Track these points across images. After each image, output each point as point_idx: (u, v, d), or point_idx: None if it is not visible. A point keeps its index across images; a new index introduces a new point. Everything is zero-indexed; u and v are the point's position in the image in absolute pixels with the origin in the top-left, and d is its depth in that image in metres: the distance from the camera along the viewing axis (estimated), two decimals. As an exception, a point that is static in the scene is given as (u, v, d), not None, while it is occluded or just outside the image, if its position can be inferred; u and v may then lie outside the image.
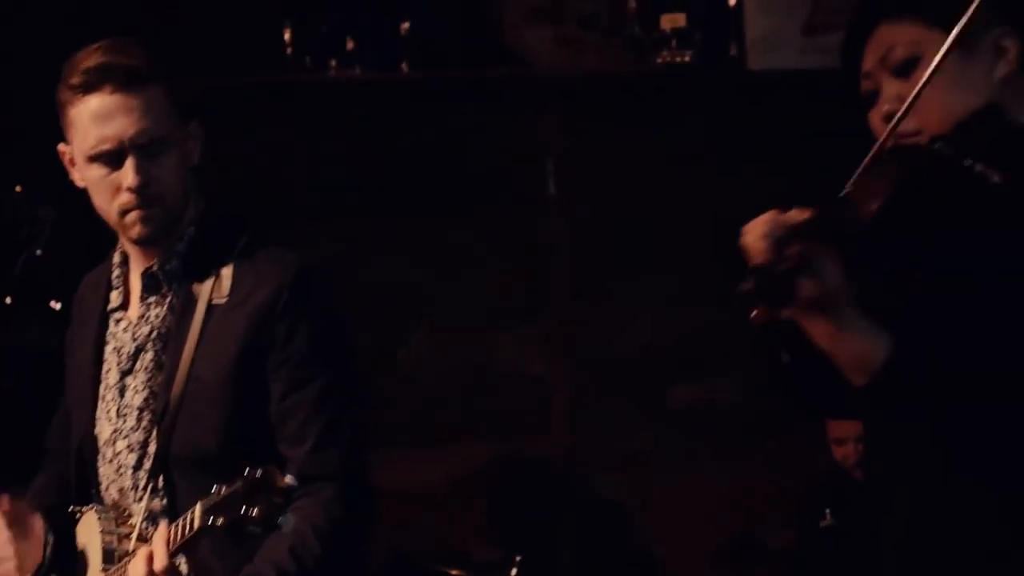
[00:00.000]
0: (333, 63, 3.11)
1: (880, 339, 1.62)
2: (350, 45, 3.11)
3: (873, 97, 1.78)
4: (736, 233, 1.66)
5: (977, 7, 1.70)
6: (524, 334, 3.28)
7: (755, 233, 1.60)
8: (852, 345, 1.62)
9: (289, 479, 1.69)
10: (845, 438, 3.12)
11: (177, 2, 3.10)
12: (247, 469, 1.70)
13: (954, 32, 1.68)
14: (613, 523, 3.31)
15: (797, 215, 1.61)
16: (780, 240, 1.57)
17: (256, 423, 1.95)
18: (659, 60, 3.25)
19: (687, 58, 3.23)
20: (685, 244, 3.23)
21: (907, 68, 1.75)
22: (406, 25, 3.15)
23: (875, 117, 1.77)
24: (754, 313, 1.59)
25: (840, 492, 3.08)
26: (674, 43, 3.23)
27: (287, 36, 3.14)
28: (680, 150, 3.28)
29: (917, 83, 1.71)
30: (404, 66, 3.14)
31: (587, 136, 3.28)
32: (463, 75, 3.21)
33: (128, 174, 1.95)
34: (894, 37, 1.75)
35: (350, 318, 2.03)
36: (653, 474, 3.28)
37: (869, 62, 1.77)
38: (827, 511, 3.05)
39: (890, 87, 1.76)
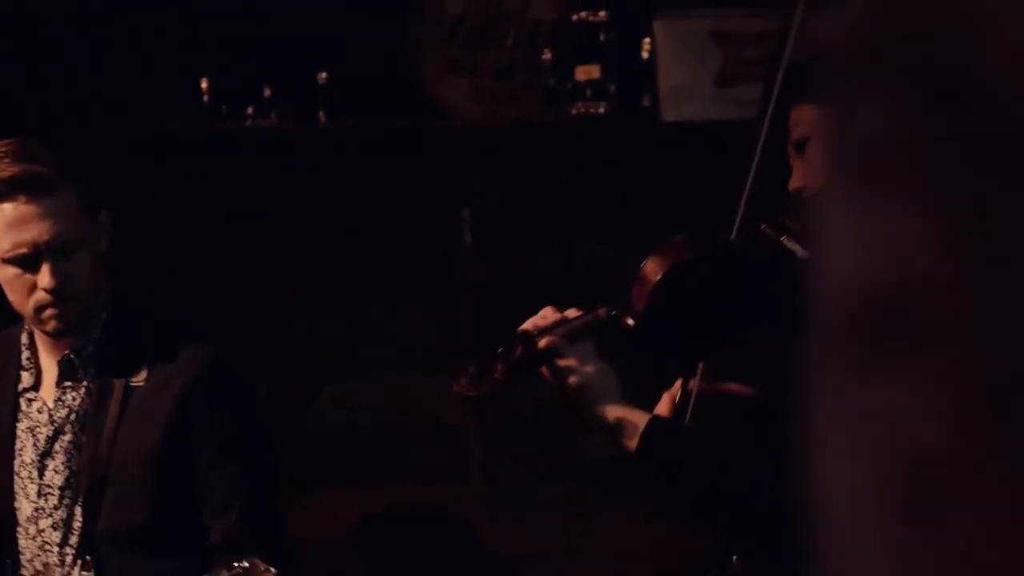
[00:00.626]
0: (250, 111, 3.12)
1: (635, 425, 1.75)
2: (267, 93, 3.12)
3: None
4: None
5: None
6: (440, 382, 3.29)
7: (529, 322, 1.84)
8: (607, 422, 1.75)
9: (273, 571, 1.76)
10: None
11: (93, 49, 3.09)
12: (232, 564, 1.76)
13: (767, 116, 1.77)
14: (526, 571, 3.32)
15: (566, 315, 1.78)
16: (539, 332, 1.74)
17: (181, 497, 2.06)
18: (574, 111, 3.29)
19: (602, 109, 3.28)
20: (600, 294, 3.25)
21: (801, 146, 1.87)
22: (324, 75, 3.16)
23: None
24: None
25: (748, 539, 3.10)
26: (589, 94, 3.27)
27: (204, 84, 3.14)
28: (595, 199, 3.32)
29: (808, 160, 1.82)
30: (321, 115, 3.15)
31: (504, 186, 3.31)
32: (380, 125, 3.23)
33: (44, 276, 2.03)
34: (796, 117, 1.88)
35: (268, 366, 2.11)
36: (565, 523, 3.29)
37: (788, 138, 1.92)
38: (734, 557, 3.07)
39: (795, 163, 1.88)
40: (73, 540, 2.03)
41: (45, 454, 2.07)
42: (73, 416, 2.06)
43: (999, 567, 0.37)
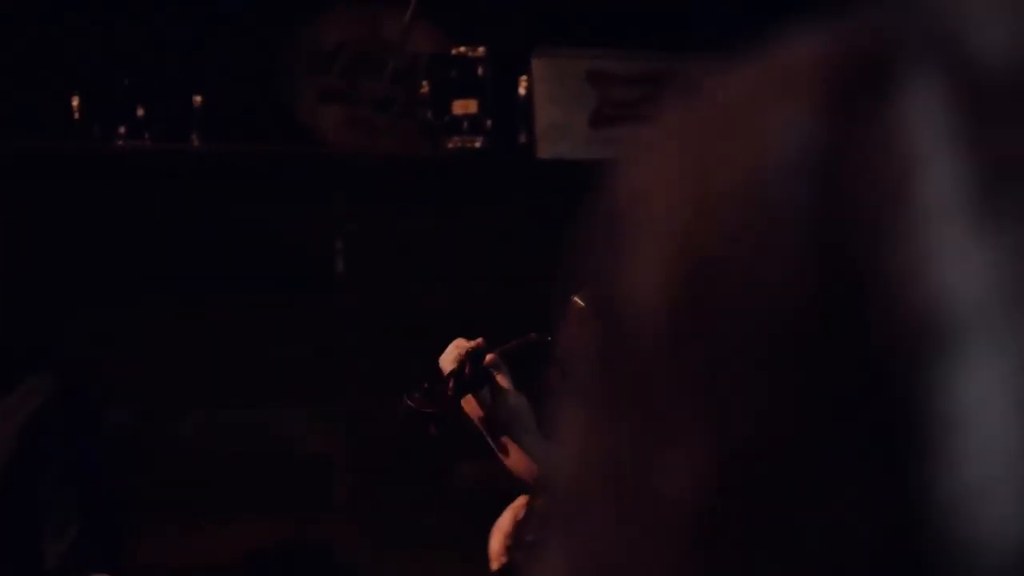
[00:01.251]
0: (122, 131, 3.07)
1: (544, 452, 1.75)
2: (140, 113, 3.07)
3: None
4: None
5: None
6: (309, 412, 3.27)
7: (447, 354, 1.83)
8: (519, 464, 1.77)
9: None
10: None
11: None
12: None
13: None
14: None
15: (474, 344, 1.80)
16: (463, 357, 1.74)
17: (22, 525, 2.03)
18: (450, 145, 3.30)
19: (478, 144, 3.29)
20: (471, 327, 3.26)
21: None
22: (199, 98, 3.13)
23: None
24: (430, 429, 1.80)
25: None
26: (465, 128, 3.28)
27: (75, 103, 3.09)
28: (469, 233, 3.32)
29: None
30: (195, 138, 3.12)
31: (377, 216, 3.30)
32: (254, 150, 3.21)
33: None
34: None
35: (135, 391, 2.10)
36: (436, 553, 3.28)
37: None
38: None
39: None
40: None
41: None
42: None
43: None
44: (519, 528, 1.99)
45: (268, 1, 3.30)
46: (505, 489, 3.31)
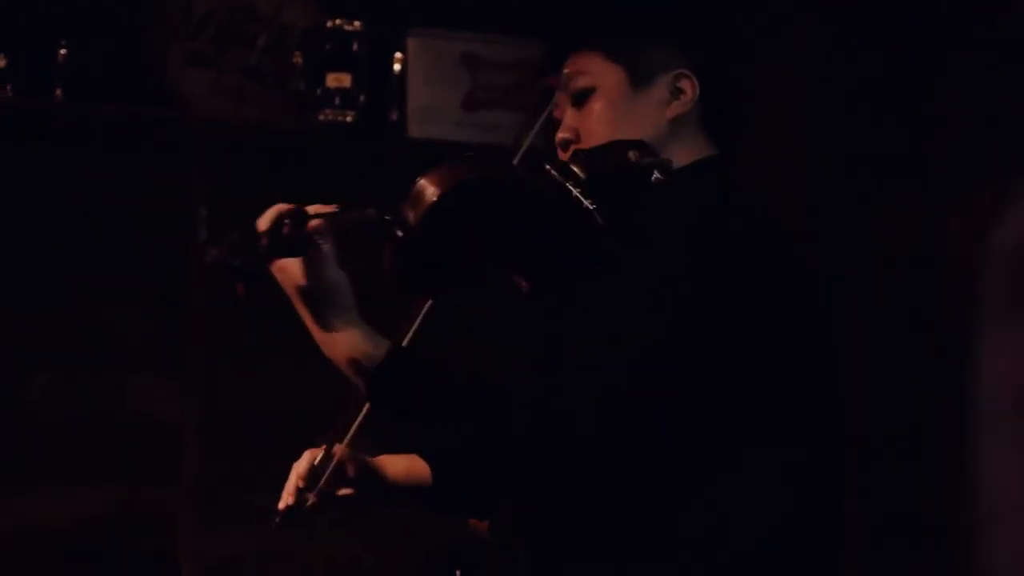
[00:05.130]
0: (-17, 81, 2.99)
1: (373, 352, 1.60)
2: (2, 63, 2.99)
3: (558, 123, 1.84)
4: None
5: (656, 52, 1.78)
6: (159, 380, 3.21)
7: (267, 213, 1.64)
8: (338, 353, 1.62)
9: None
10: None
11: None
12: None
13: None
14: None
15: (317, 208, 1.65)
16: (282, 217, 1.60)
17: None
18: (321, 118, 3.26)
19: (349, 118, 3.27)
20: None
21: (582, 98, 1.80)
22: (64, 51, 3.05)
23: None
24: (237, 288, 1.61)
25: (469, 552, 3.13)
26: (337, 102, 3.25)
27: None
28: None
29: (589, 115, 1.77)
30: (59, 93, 3.04)
31: (241, 185, 3.26)
32: (118, 109, 3.14)
33: None
34: (579, 66, 1.81)
35: None
36: (280, 531, 3.25)
37: (559, 89, 1.82)
38: (457, 571, 3.10)
39: (568, 116, 1.82)
40: None
41: None
42: None
43: None
44: (314, 473, 1.91)
45: (141, -42, 3.24)
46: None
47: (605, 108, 1.77)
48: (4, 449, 3.03)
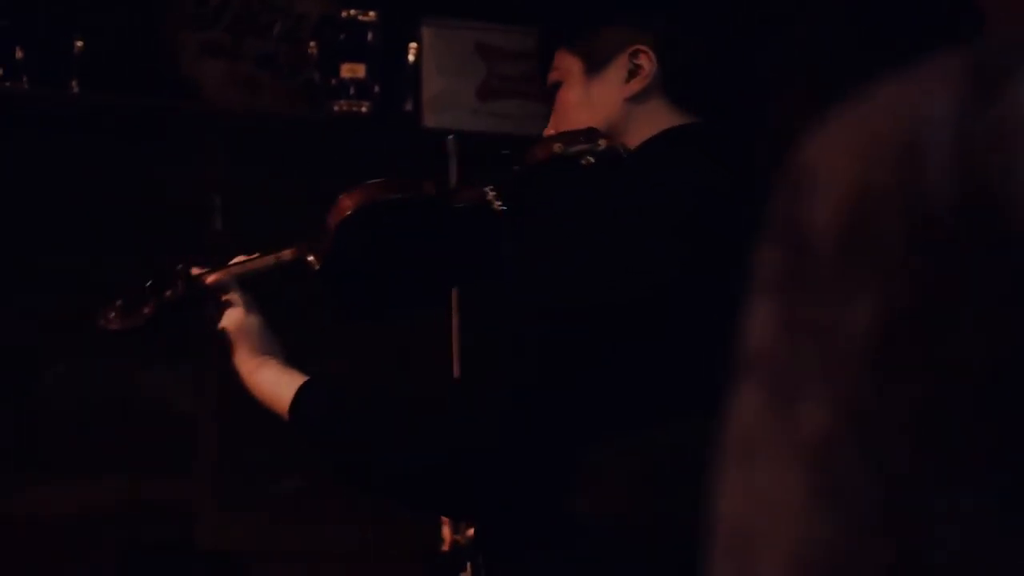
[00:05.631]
0: (-1, 71, 2.99)
1: (288, 389, 1.64)
2: (19, 55, 2.99)
3: None
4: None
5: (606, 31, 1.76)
6: (174, 369, 3.22)
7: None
8: (259, 386, 1.67)
9: None
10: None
11: None
12: None
13: None
14: (252, 570, 3.27)
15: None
16: (208, 270, 1.64)
17: None
18: (336, 108, 3.26)
19: (364, 108, 3.26)
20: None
21: (553, 93, 1.83)
22: (80, 43, 3.05)
23: None
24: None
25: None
26: (352, 92, 3.25)
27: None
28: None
29: (557, 108, 1.79)
30: (75, 84, 3.04)
31: (257, 175, 3.26)
32: (134, 100, 3.14)
33: None
34: (554, 62, 1.83)
35: None
36: (298, 517, 3.26)
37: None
38: (468, 564, 3.10)
39: (551, 110, 1.84)
40: None
41: None
42: None
43: None
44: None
45: (156, -51, 3.24)
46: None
47: (566, 99, 1.78)
48: (19, 438, 3.04)
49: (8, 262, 3.07)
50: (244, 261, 1.74)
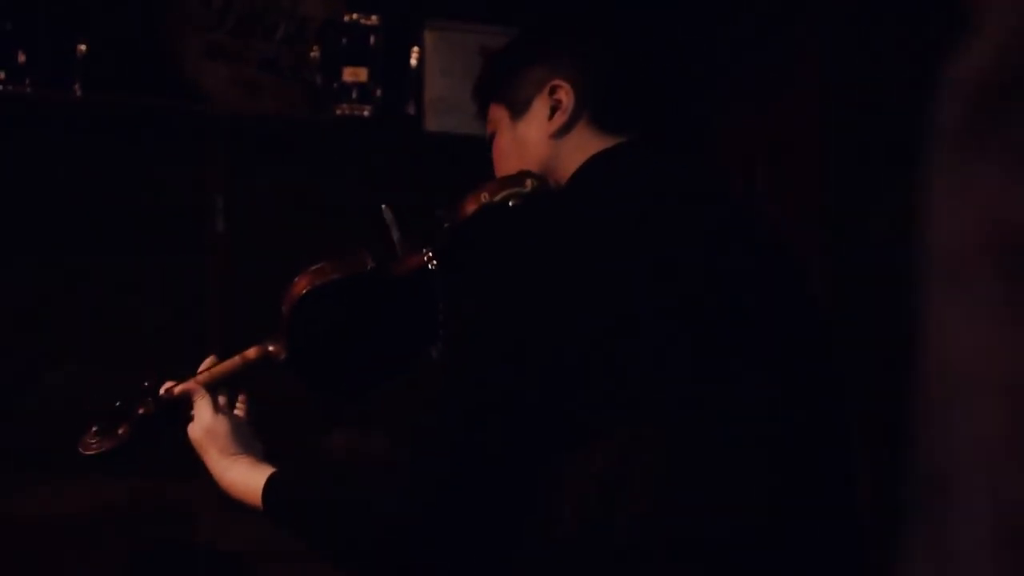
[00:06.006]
0: (1, 76, 3.00)
1: (256, 484, 1.69)
2: (21, 59, 3.00)
3: None
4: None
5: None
6: (179, 371, 3.22)
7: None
8: (233, 487, 1.72)
9: None
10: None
11: None
12: None
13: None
14: (255, 572, 3.28)
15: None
16: (173, 384, 1.70)
17: None
18: (338, 111, 3.27)
19: (366, 112, 3.27)
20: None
21: (491, 143, 1.84)
22: (83, 46, 3.07)
23: None
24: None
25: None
26: (354, 96, 3.26)
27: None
28: (352, 200, 3.31)
29: (495, 157, 1.79)
30: (77, 87, 3.06)
31: (259, 177, 3.27)
32: (137, 103, 3.16)
33: None
34: (488, 116, 1.85)
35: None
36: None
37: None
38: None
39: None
40: None
41: None
42: None
43: None
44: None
45: (159, -48, 3.25)
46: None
47: (499, 147, 1.80)
48: (25, 440, 3.04)
49: (12, 263, 3.08)
50: (211, 367, 1.79)
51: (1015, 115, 0.54)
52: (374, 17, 3.30)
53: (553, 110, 1.75)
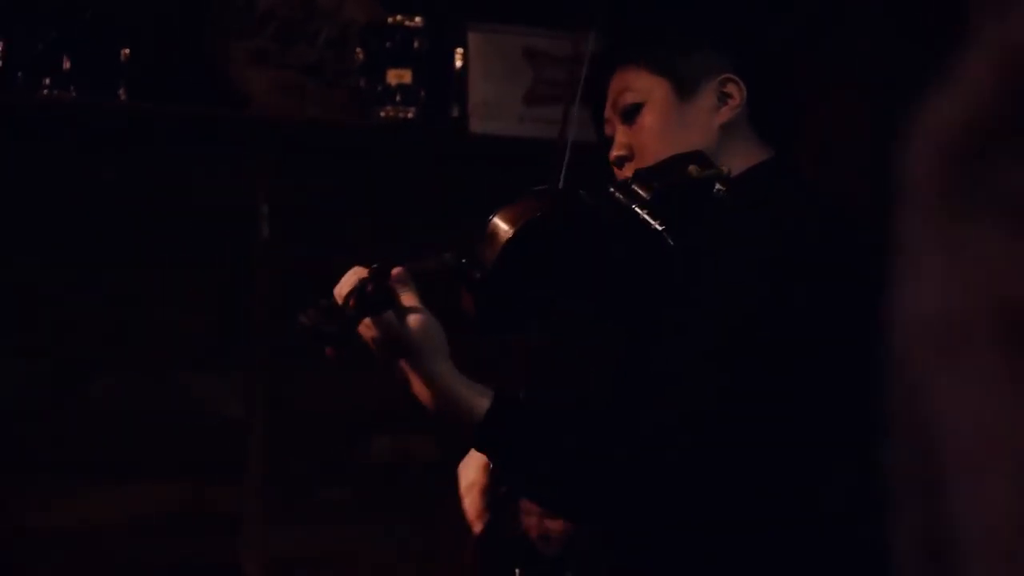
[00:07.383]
0: (47, 82, 3.00)
1: (476, 401, 1.59)
2: (67, 65, 3.00)
3: (611, 142, 1.82)
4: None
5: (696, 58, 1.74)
6: (225, 377, 3.22)
7: (346, 278, 1.59)
8: (439, 388, 1.59)
9: None
10: (531, 510, 3.15)
11: None
12: None
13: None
14: (292, 574, 3.27)
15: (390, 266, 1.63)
16: (362, 277, 1.57)
17: None
18: (382, 114, 3.26)
19: (410, 115, 3.26)
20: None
21: (631, 114, 1.79)
22: (127, 51, 3.06)
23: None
24: (327, 351, 1.59)
25: (531, 551, 3.10)
26: (399, 99, 3.25)
27: (-1, 51, 3.02)
28: (397, 204, 3.29)
29: (640, 130, 1.75)
30: (122, 93, 3.05)
31: (303, 182, 3.26)
32: (181, 108, 3.15)
33: None
34: (625, 83, 1.79)
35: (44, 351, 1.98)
36: (346, 527, 3.25)
37: (607, 107, 1.81)
38: (516, 570, 3.08)
39: (620, 133, 1.81)
40: None
41: None
42: None
43: None
44: (492, 480, 1.89)
45: (202, -42, 3.25)
46: (420, 463, 3.30)
47: (656, 122, 1.75)
48: (69, 449, 3.04)
49: (59, 270, 3.08)
50: (411, 262, 1.66)
51: (1004, 165, 0.48)
52: (418, 19, 3.28)
53: (720, 102, 1.75)
